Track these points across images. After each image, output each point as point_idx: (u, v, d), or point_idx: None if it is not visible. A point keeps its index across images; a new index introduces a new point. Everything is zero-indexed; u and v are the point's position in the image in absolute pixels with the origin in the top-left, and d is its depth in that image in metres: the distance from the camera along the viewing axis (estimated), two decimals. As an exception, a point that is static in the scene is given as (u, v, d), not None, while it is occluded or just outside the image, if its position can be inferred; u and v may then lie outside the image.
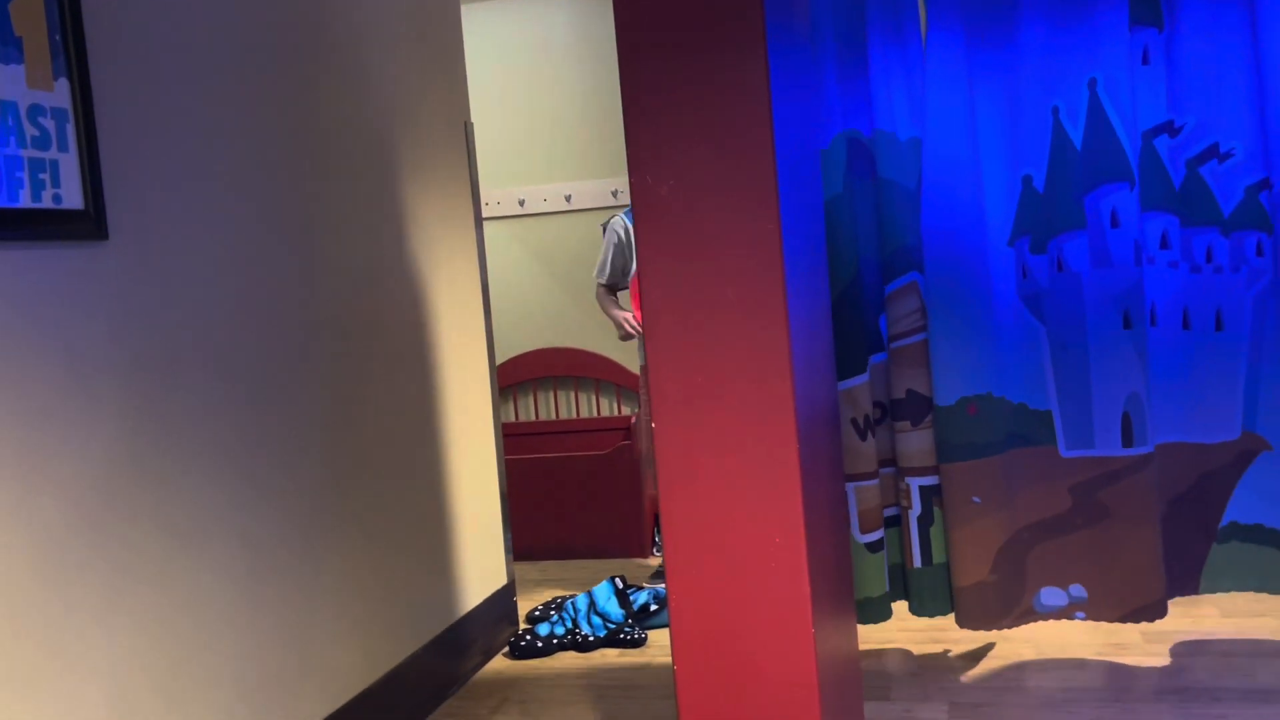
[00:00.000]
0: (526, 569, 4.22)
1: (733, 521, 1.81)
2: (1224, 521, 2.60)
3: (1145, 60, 2.53)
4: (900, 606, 3.00)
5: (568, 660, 3.17)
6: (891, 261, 2.67)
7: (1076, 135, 2.55)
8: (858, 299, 2.67)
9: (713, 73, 1.72)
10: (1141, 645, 2.85)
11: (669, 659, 3.09)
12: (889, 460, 2.75)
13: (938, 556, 2.71)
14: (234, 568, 2.18)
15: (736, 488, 1.79)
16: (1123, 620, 2.61)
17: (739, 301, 1.78)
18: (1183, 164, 2.54)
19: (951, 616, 2.81)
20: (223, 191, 2.22)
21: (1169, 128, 2.53)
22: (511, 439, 4.59)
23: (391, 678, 2.72)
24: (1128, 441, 2.57)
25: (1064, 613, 2.66)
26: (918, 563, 2.71)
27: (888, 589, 2.73)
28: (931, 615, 2.72)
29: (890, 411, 2.72)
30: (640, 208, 1.79)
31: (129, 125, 1.97)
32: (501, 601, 3.38)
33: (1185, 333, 2.57)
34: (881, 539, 2.71)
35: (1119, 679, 2.66)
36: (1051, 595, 2.66)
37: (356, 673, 2.59)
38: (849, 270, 2.65)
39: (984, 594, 2.65)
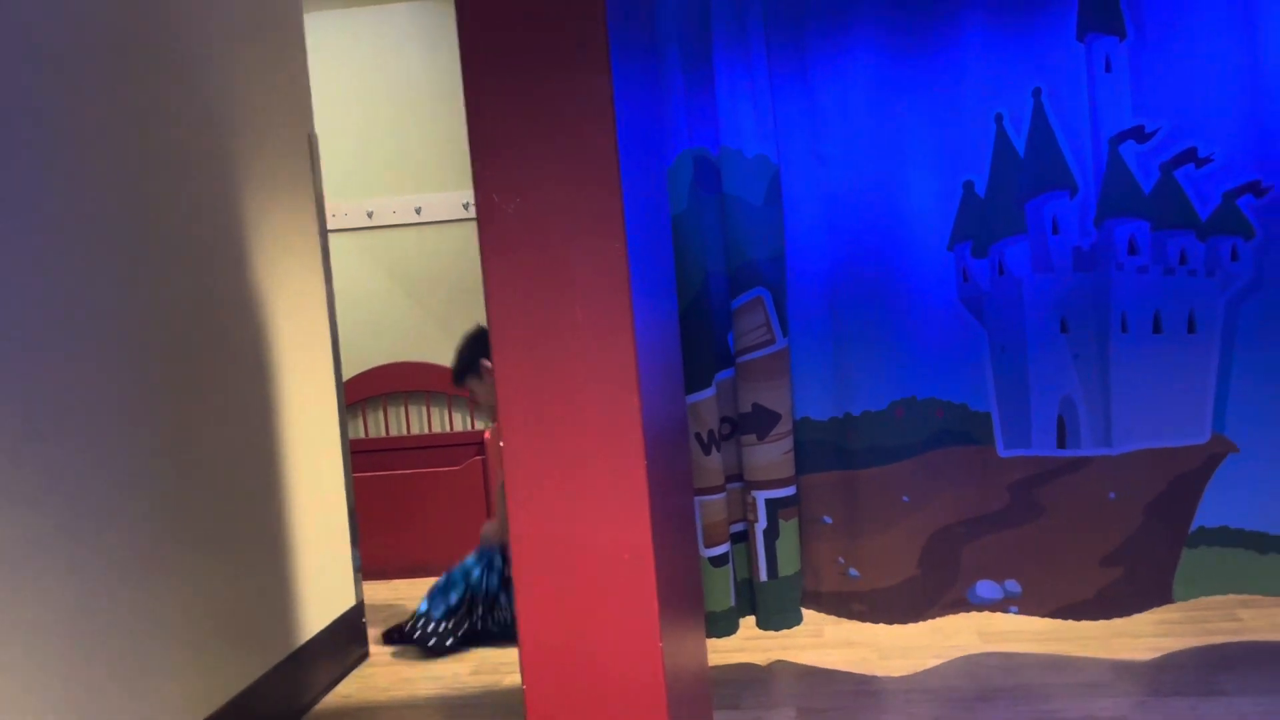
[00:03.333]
0: (378, 588, 4.13)
1: (582, 539, 1.81)
2: (1194, 526, 2.63)
3: (1107, 68, 2.55)
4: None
5: (419, 683, 3.12)
6: (737, 277, 2.71)
7: (1020, 142, 2.59)
8: (704, 314, 2.69)
9: (558, 92, 1.72)
10: (979, 644, 2.95)
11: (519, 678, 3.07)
12: (738, 474, 2.78)
13: (784, 569, 2.75)
14: (61, 599, 2.08)
15: (586, 505, 1.80)
16: (1053, 616, 2.70)
17: (587, 320, 1.78)
18: (1155, 168, 2.56)
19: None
20: (53, 213, 2.12)
21: (1137, 133, 2.55)
22: (361, 455, 4.50)
23: (232, 707, 2.63)
24: (1061, 443, 2.64)
25: (998, 606, 2.73)
26: (763, 576, 2.75)
27: (733, 603, 2.76)
28: (778, 629, 2.76)
29: (739, 426, 2.76)
30: (486, 227, 1.78)
31: (-59, 134, 1.86)
32: (349, 623, 3.30)
33: (1157, 336, 2.59)
34: (726, 553, 2.74)
35: (958, 679, 2.75)
36: (987, 589, 2.73)
37: (195, 704, 2.49)
38: (694, 286, 2.68)
39: (912, 588, 2.71)
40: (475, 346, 3.50)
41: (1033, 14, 2.59)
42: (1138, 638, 2.88)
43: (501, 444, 1.79)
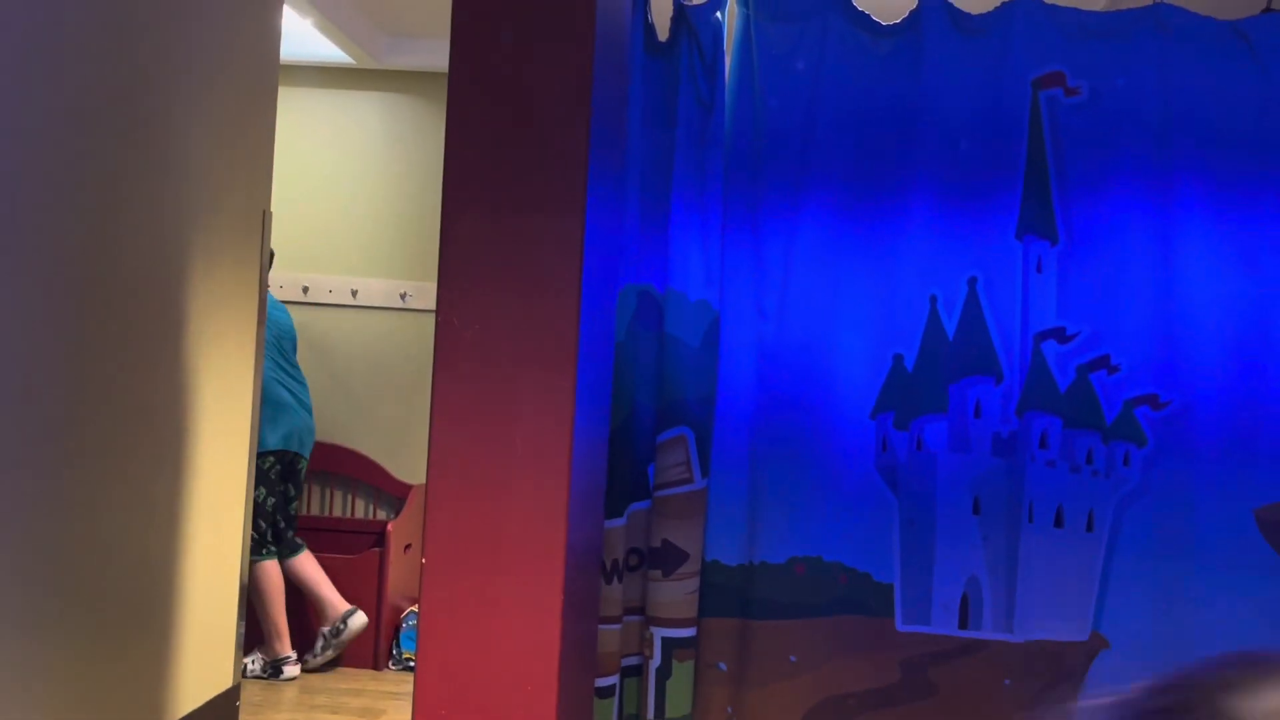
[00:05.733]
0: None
1: (488, 664, 1.82)
2: None
3: (1039, 269, 2.69)
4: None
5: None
6: (665, 413, 2.77)
7: (950, 326, 2.70)
8: (627, 445, 2.74)
9: (532, 232, 1.79)
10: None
11: (392, 782, 3.01)
12: (639, 607, 2.80)
13: (672, 710, 2.74)
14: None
15: (497, 631, 1.81)
16: None
17: (526, 446, 1.82)
18: (1073, 369, 2.67)
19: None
20: (-1, 250, 2.11)
21: (1059, 334, 2.68)
22: (257, 529, 4.42)
23: (91, 781, 2.54)
24: (963, 623, 2.67)
25: None
26: (650, 715, 2.74)
27: None
28: None
29: (647, 559, 2.79)
30: (441, 345, 1.83)
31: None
32: (224, 706, 3.21)
33: (1058, 530, 2.67)
34: (614, 685, 2.73)
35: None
36: None
37: (54, 774, 2.41)
38: (621, 415, 2.73)
39: None
40: None
41: (978, 206, 2.74)
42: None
43: (423, 560, 1.81)
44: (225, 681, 3.25)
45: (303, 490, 4.20)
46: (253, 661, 4.01)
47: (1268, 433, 2.67)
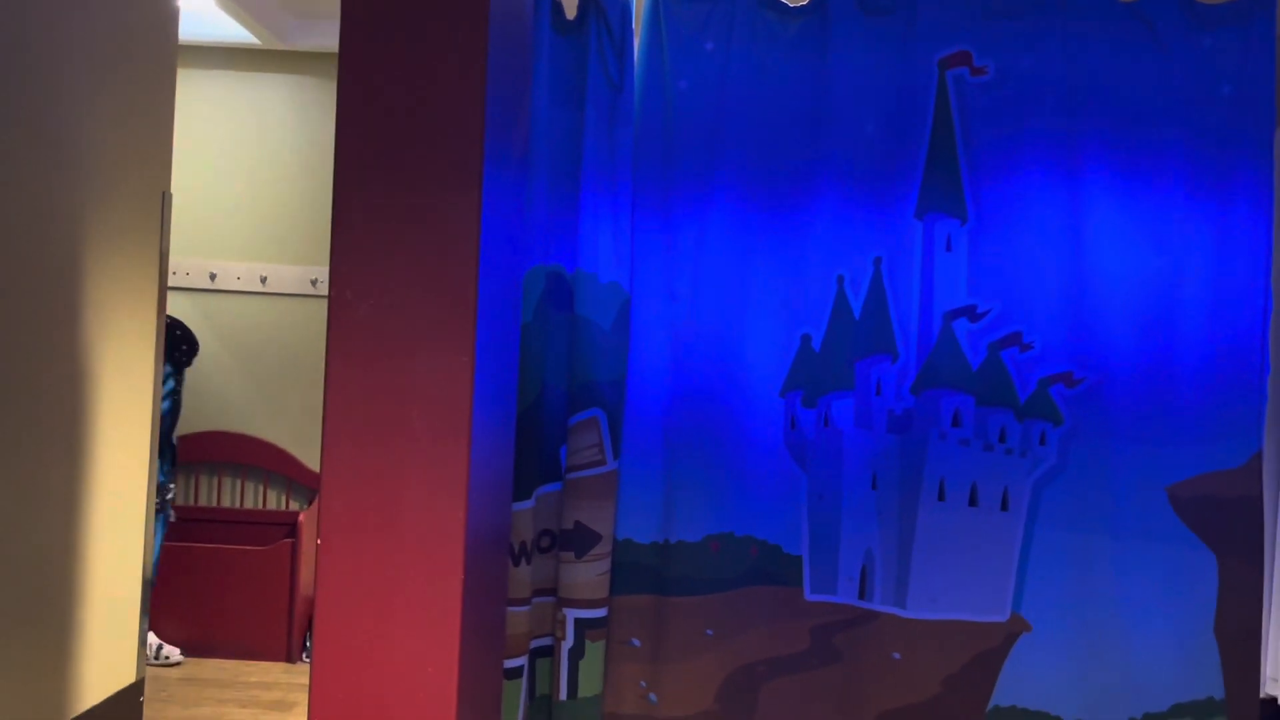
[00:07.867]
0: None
1: (388, 645, 1.79)
2: (990, 705, 2.69)
3: (948, 247, 2.71)
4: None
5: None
6: (577, 395, 2.75)
7: (857, 305, 2.72)
8: (536, 426, 2.72)
9: (427, 210, 1.76)
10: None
11: (303, 775, 2.96)
12: (550, 589, 2.79)
13: (584, 689, 2.74)
14: None
15: (396, 612, 1.78)
16: None
17: (424, 428, 1.79)
18: (984, 347, 2.69)
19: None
20: None
21: (970, 312, 2.70)
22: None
23: (-16, 782, 2.46)
24: (862, 594, 2.71)
25: None
26: (563, 695, 2.74)
27: (521, 718, 2.74)
28: None
29: (559, 541, 2.78)
30: (335, 320, 1.79)
31: None
32: (126, 701, 3.13)
33: (972, 509, 2.69)
34: (521, 666, 2.72)
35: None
36: None
37: (-58, 775, 2.32)
38: (529, 397, 2.71)
39: None
40: None
41: (884, 187, 2.76)
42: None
43: (319, 541, 1.77)
44: (129, 676, 3.16)
45: None
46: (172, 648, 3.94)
47: (1177, 409, 2.72)
